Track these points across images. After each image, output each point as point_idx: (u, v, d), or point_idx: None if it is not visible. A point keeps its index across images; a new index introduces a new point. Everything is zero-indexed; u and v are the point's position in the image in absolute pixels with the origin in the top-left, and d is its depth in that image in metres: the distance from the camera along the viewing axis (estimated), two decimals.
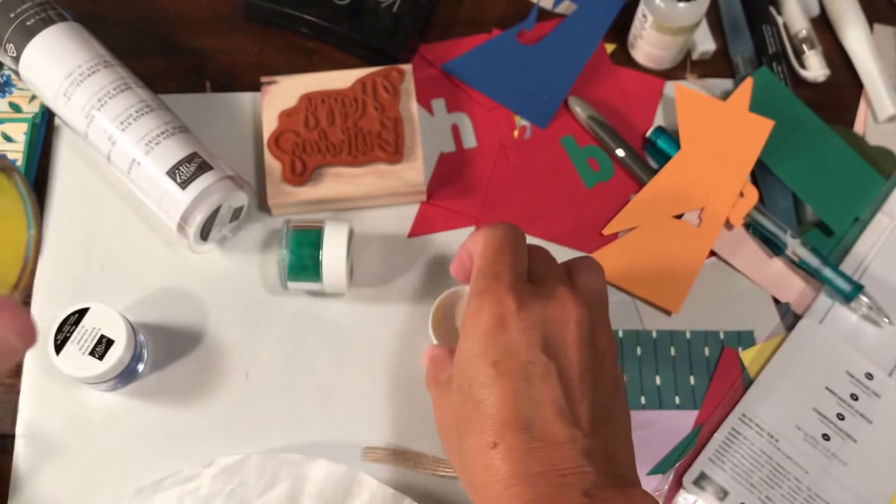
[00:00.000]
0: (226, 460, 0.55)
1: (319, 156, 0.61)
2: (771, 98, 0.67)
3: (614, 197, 0.65)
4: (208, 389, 0.59)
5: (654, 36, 0.66)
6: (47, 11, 0.59)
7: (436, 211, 0.64)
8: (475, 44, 0.69)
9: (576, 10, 0.70)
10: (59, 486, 0.56)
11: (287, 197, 0.61)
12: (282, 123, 0.62)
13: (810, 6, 0.72)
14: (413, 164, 0.62)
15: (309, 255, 0.58)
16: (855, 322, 0.62)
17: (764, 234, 0.63)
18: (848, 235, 0.65)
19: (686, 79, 0.69)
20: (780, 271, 0.64)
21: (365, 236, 0.63)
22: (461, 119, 0.67)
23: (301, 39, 0.69)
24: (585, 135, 0.67)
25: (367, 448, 0.57)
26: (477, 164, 0.66)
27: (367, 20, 0.67)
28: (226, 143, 0.64)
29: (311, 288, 0.59)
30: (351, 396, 0.59)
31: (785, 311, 0.63)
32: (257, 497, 0.54)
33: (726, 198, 0.63)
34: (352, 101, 0.62)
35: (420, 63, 0.68)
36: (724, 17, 0.71)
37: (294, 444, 0.57)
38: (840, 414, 0.60)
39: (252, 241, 0.62)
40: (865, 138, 0.68)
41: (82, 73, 0.58)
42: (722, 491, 0.58)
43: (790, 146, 0.66)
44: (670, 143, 0.65)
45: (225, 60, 0.68)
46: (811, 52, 0.70)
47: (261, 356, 0.60)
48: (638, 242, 0.63)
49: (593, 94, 0.68)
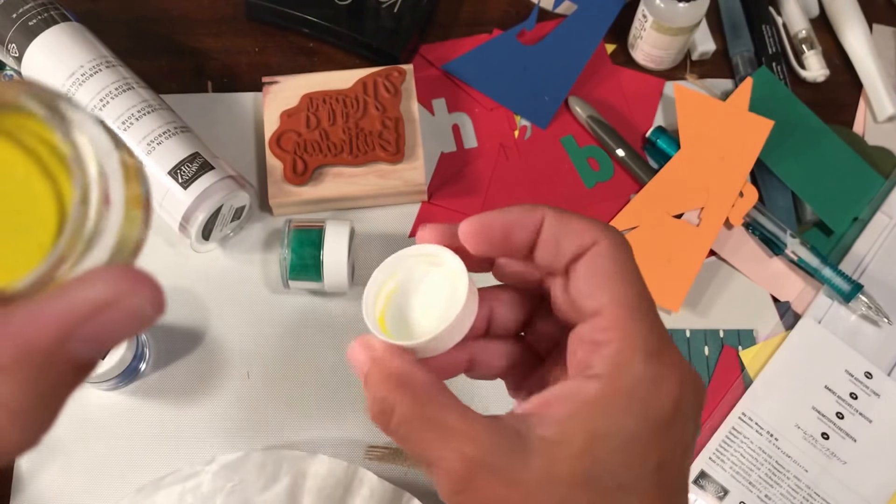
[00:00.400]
0: (226, 458, 0.55)
1: (320, 155, 0.61)
2: (770, 98, 0.67)
3: (614, 196, 0.65)
4: (210, 388, 0.59)
5: (654, 36, 0.66)
6: (49, 12, 0.60)
7: (437, 210, 0.64)
8: (476, 44, 0.69)
9: (576, 11, 0.70)
10: (60, 484, 0.56)
11: (288, 196, 0.61)
12: (283, 123, 0.62)
13: (810, 6, 0.72)
14: (414, 163, 0.62)
15: (310, 255, 0.58)
16: (854, 321, 0.62)
17: (763, 233, 0.64)
18: (847, 235, 0.65)
19: (686, 79, 0.70)
20: (779, 271, 0.64)
21: (366, 236, 0.63)
22: (462, 119, 0.67)
23: (302, 39, 0.69)
24: (586, 135, 0.67)
25: (369, 447, 0.58)
26: (478, 163, 0.66)
27: (368, 20, 0.67)
28: (227, 142, 0.64)
29: (313, 287, 0.60)
30: (352, 395, 0.59)
31: (784, 311, 0.63)
32: (258, 494, 0.54)
33: (726, 197, 0.64)
34: (353, 101, 0.63)
35: (421, 63, 0.68)
36: (724, 17, 0.72)
37: (295, 442, 0.58)
38: (839, 413, 0.60)
39: (253, 240, 0.63)
40: (865, 138, 0.69)
41: (84, 73, 0.58)
42: (722, 489, 0.58)
43: (790, 146, 0.66)
44: (670, 142, 0.66)
45: (226, 60, 0.68)
46: (811, 53, 0.70)
47: (262, 355, 0.60)
48: (638, 242, 0.63)
49: (593, 94, 0.68)
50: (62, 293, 0.20)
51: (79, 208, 0.21)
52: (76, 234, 0.21)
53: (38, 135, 0.22)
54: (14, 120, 0.22)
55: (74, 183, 0.21)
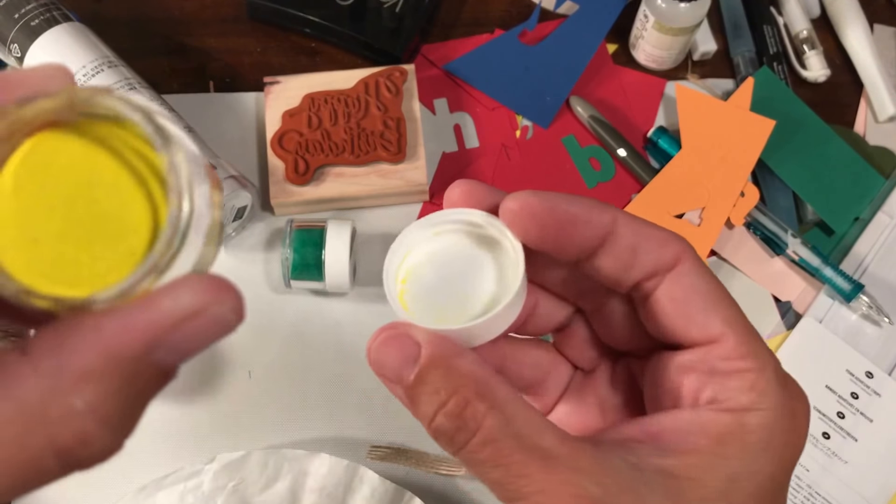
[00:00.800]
0: (227, 457, 0.55)
1: (322, 155, 0.61)
2: (772, 98, 0.67)
3: (616, 196, 0.66)
4: (211, 388, 0.59)
5: (655, 36, 0.66)
6: (52, 12, 0.60)
7: (438, 210, 0.64)
8: (477, 44, 0.69)
9: (577, 11, 0.70)
10: (61, 483, 0.56)
11: (290, 196, 0.61)
12: (285, 123, 0.62)
13: (811, 7, 0.72)
14: (415, 163, 0.62)
15: (312, 255, 0.58)
16: (855, 321, 0.62)
17: (765, 233, 0.64)
18: (848, 235, 0.65)
19: (687, 79, 0.70)
20: (780, 271, 0.64)
21: (368, 236, 0.63)
22: (463, 119, 0.67)
23: (304, 40, 0.69)
24: (587, 134, 0.67)
25: (372, 447, 0.58)
26: (479, 163, 0.66)
27: (369, 20, 0.67)
28: (229, 142, 0.64)
29: (315, 287, 0.60)
30: (353, 395, 0.59)
31: (785, 311, 0.63)
32: (259, 493, 0.54)
33: (727, 197, 0.64)
34: (354, 101, 0.63)
35: (422, 63, 0.69)
36: (725, 17, 0.72)
37: (297, 442, 0.58)
38: (840, 412, 0.60)
39: (255, 240, 0.63)
40: (865, 138, 0.69)
41: (86, 73, 0.58)
42: None
43: (791, 146, 0.66)
44: (671, 142, 0.66)
45: (228, 61, 0.68)
46: (812, 53, 0.70)
47: (264, 355, 0.60)
48: None
49: (595, 94, 0.68)
50: (151, 302, 0.21)
51: (175, 219, 0.21)
52: (169, 244, 0.21)
53: (129, 143, 0.22)
54: (107, 128, 0.22)
55: (171, 194, 0.21)
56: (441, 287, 0.27)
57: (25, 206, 0.21)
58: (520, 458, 0.23)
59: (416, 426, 0.58)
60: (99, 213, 0.22)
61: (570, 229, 0.26)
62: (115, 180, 0.22)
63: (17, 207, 0.21)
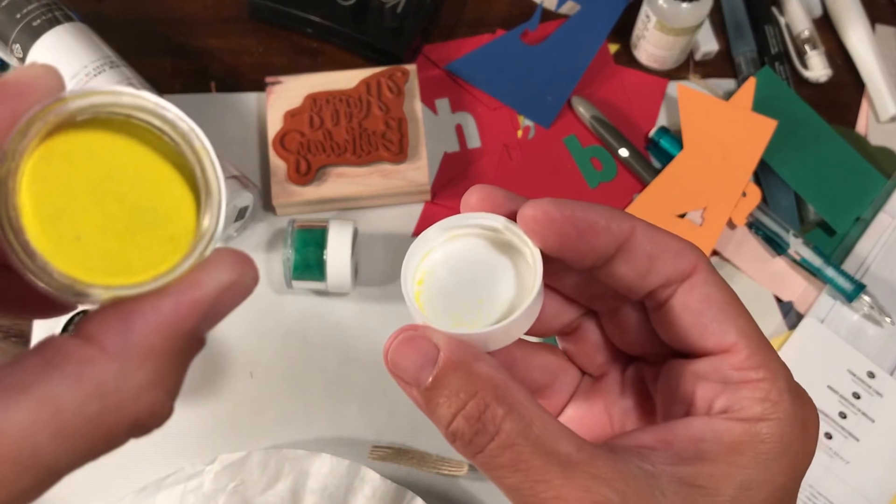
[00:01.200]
0: (228, 457, 0.55)
1: (324, 155, 0.61)
2: (773, 98, 0.67)
3: (618, 196, 0.66)
4: (212, 388, 0.59)
5: (657, 36, 0.66)
6: (54, 12, 0.60)
7: (440, 210, 0.64)
8: (479, 44, 0.69)
9: (579, 11, 0.70)
10: (61, 483, 0.56)
11: (292, 196, 0.61)
12: (287, 123, 0.62)
13: (812, 7, 0.72)
14: (417, 163, 0.62)
15: (314, 255, 0.58)
16: (857, 321, 0.62)
17: (766, 233, 0.64)
18: (850, 235, 0.65)
19: (689, 79, 0.70)
20: (782, 270, 0.64)
21: (369, 236, 0.63)
22: (465, 119, 0.67)
23: (306, 40, 0.69)
24: (589, 135, 0.67)
25: (374, 447, 0.58)
26: (481, 163, 0.66)
27: (371, 21, 0.67)
28: (231, 143, 0.64)
29: (316, 287, 0.60)
30: (355, 395, 0.59)
31: (787, 311, 0.63)
32: (260, 493, 0.54)
33: (729, 197, 0.64)
34: (356, 102, 0.63)
35: (424, 63, 0.69)
36: (727, 17, 0.72)
37: (298, 442, 0.58)
38: (842, 412, 0.60)
39: (257, 240, 0.63)
40: (867, 138, 0.69)
41: (88, 73, 0.58)
42: None
43: (793, 146, 0.66)
44: (673, 142, 0.66)
45: (230, 61, 0.68)
46: (813, 53, 0.70)
47: (265, 355, 0.60)
48: None
49: (596, 94, 0.68)
50: (196, 280, 0.23)
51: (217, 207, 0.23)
52: (213, 230, 0.23)
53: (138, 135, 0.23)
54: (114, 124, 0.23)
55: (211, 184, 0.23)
56: (457, 290, 0.28)
57: (55, 210, 0.22)
58: (538, 464, 0.24)
59: (418, 426, 0.59)
60: (130, 206, 0.23)
61: (590, 237, 0.26)
62: (134, 173, 0.23)
63: (46, 214, 0.22)
